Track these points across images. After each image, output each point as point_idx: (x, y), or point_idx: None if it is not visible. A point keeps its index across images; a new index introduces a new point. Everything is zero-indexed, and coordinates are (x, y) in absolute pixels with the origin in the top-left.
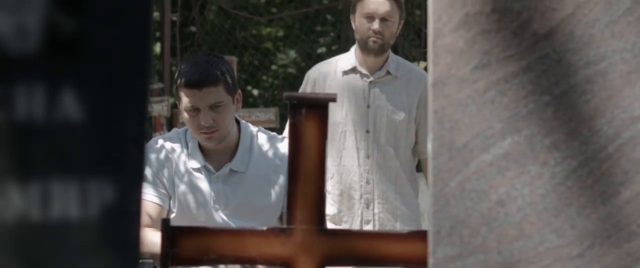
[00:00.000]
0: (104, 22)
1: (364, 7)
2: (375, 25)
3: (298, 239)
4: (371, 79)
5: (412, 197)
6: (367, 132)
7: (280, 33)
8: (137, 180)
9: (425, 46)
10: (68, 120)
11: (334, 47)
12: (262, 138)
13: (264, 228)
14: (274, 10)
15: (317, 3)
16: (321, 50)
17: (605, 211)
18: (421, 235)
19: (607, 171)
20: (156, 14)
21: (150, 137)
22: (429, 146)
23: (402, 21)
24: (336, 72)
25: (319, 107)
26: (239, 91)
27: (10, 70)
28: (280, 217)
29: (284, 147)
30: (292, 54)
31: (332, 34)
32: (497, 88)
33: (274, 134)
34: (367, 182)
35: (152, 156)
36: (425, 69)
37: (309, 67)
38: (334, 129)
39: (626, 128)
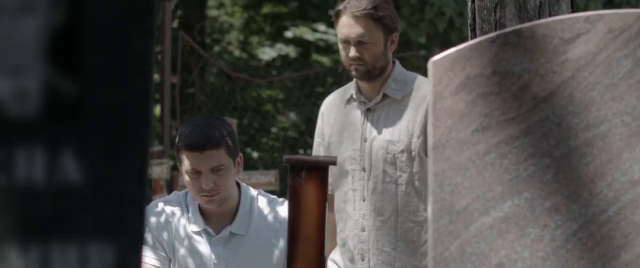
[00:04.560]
0: (104, 85)
1: (338, 31)
2: (352, 51)
3: None
4: (369, 105)
5: (420, 242)
6: (363, 170)
7: (280, 95)
8: (137, 243)
9: None
10: (68, 183)
11: None
12: (262, 202)
13: None
14: (274, 72)
15: (317, 65)
16: None
17: None
18: None
19: (607, 234)
20: (156, 76)
21: (150, 200)
22: (429, 209)
23: (394, 35)
24: (341, 102)
25: (319, 170)
26: (241, 154)
27: (10, 134)
28: None
29: (283, 210)
30: (292, 116)
31: None
32: (497, 151)
33: (274, 197)
34: (362, 229)
35: (152, 219)
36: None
37: (309, 129)
38: (340, 171)
39: (626, 191)
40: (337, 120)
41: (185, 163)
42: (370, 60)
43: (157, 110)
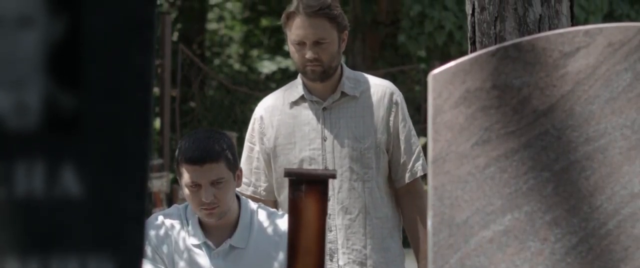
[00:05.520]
0: (104, 98)
1: (291, 33)
2: (308, 53)
3: None
4: (324, 104)
5: (388, 239)
6: (326, 169)
7: None
8: (137, 256)
9: (425, 122)
10: (67, 197)
11: None
12: (262, 215)
13: None
14: (273, 85)
15: None
16: None
17: None
18: None
19: (607, 247)
20: (156, 90)
21: (150, 213)
22: (429, 222)
23: (345, 33)
24: (284, 104)
25: (319, 183)
26: (240, 167)
27: (10, 147)
28: None
29: (283, 223)
30: None
31: None
32: (497, 164)
33: (274, 210)
34: (329, 229)
35: (152, 233)
36: (425, 145)
37: None
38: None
39: (626, 204)
40: (283, 123)
41: (185, 177)
42: (327, 60)
43: (157, 123)
